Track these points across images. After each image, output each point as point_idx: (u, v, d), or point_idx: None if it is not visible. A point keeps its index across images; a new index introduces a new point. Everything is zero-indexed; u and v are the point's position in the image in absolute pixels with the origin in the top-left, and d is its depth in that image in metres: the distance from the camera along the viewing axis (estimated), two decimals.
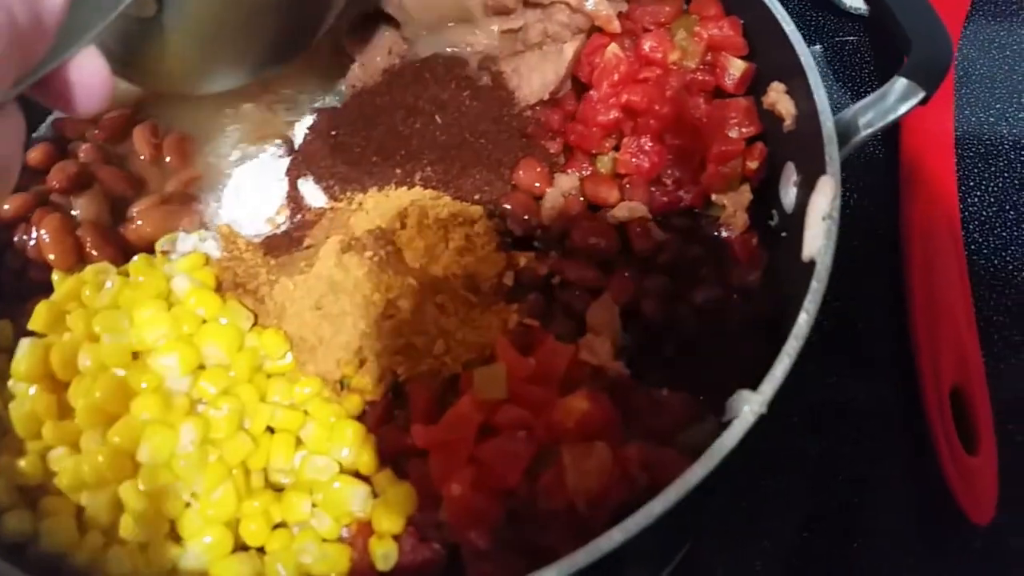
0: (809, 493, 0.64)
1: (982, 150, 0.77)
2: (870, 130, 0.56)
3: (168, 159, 0.64)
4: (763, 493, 0.64)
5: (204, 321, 0.55)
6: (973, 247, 0.72)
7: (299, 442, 0.54)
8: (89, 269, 0.57)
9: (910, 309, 0.67)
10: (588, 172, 0.64)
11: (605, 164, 0.65)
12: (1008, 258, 0.72)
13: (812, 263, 0.49)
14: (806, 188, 0.55)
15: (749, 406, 0.44)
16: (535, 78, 0.65)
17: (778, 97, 0.60)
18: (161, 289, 0.55)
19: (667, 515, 0.43)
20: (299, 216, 0.62)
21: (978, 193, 0.75)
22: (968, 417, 0.62)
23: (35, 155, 0.64)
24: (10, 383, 0.53)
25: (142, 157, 0.65)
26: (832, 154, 0.53)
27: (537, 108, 0.66)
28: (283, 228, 0.63)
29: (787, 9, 0.60)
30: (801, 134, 0.58)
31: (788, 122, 0.59)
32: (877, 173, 0.77)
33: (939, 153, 0.73)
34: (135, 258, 0.57)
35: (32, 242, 0.60)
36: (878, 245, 0.72)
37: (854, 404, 0.67)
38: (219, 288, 0.57)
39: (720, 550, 0.63)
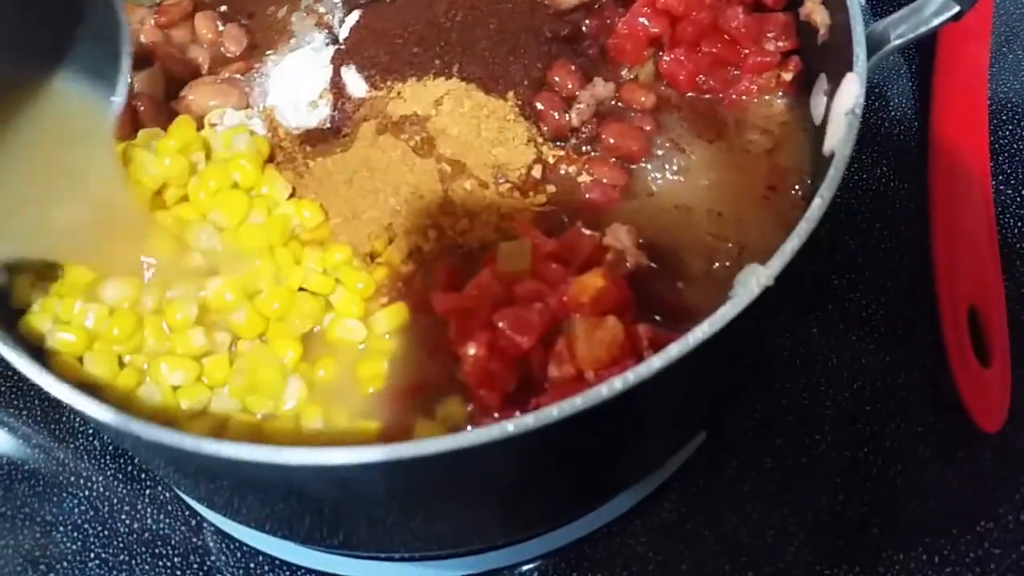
0: (823, 397, 0.66)
1: (1018, 87, 0.78)
2: (901, 40, 0.57)
3: (226, 46, 0.67)
4: (778, 395, 0.66)
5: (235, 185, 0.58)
6: (1000, 177, 0.73)
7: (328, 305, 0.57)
8: (141, 133, 0.60)
9: (932, 232, 0.68)
10: (623, 79, 0.66)
11: (643, 73, 0.66)
12: None
13: (831, 155, 0.51)
14: (834, 93, 0.57)
15: (756, 278, 0.46)
16: None
17: (814, 7, 0.61)
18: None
19: (670, 377, 0.45)
20: (340, 103, 0.64)
21: (1010, 127, 0.76)
22: (984, 334, 0.63)
23: None
24: None
25: (204, 45, 0.68)
26: (860, 55, 0.54)
27: (575, 12, 0.67)
28: (323, 118, 0.65)
29: None
30: (834, 44, 0.59)
31: (823, 32, 0.60)
32: (908, 99, 0.77)
33: (971, 83, 0.74)
34: (177, 119, 0.60)
35: None
36: (904, 167, 0.73)
37: (874, 316, 0.68)
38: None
39: (733, 448, 0.65)
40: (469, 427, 0.52)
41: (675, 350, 0.44)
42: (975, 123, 0.74)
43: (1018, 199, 0.72)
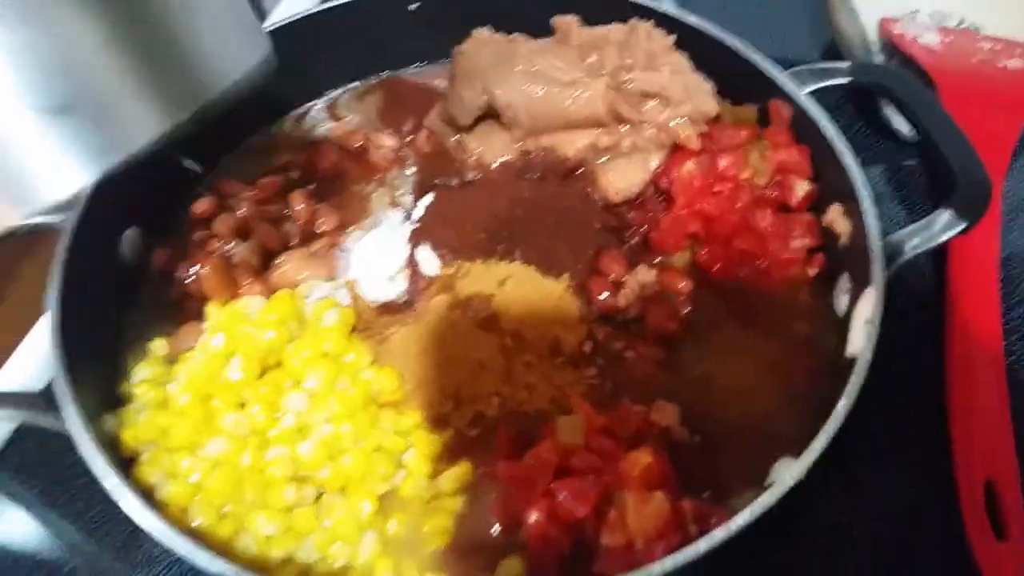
0: (846, 564, 0.71)
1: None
2: (915, 252, 0.65)
3: (319, 222, 0.77)
4: (805, 559, 0.71)
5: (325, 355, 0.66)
6: (1013, 357, 0.79)
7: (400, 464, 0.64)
8: (241, 301, 0.69)
9: (949, 409, 0.74)
10: (663, 264, 0.74)
11: (681, 260, 0.75)
12: None
13: (854, 359, 0.58)
14: (856, 294, 0.65)
15: (790, 473, 0.52)
16: (621, 181, 0.76)
17: (836, 217, 0.70)
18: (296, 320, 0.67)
19: (712, 556, 0.51)
20: (415, 278, 0.73)
21: (1022, 308, 0.83)
22: (1000, 508, 0.68)
23: (200, 207, 0.78)
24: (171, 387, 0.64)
25: (298, 221, 0.77)
26: (877, 271, 0.62)
27: (622, 207, 0.76)
28: (399, 291, 0.73)
29: (852, 135, 0.70)
30: (854, 249, 0.68)
31: (844, 239, 0.69)
32: (927, 286, 0.85)
33: (983, 272, 0.81)
34: (278, 293, 0.68)
35: (192, 278, 0.72)
36: (922, 343, 0.80)
37: (894, 485, 0.74)
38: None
39: None
40: None
41: (720, 535, 0.50)
42: (988, 306, 0.81)
43: None
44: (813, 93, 0.74)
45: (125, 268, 0.75)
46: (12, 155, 0.37)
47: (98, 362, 0.68)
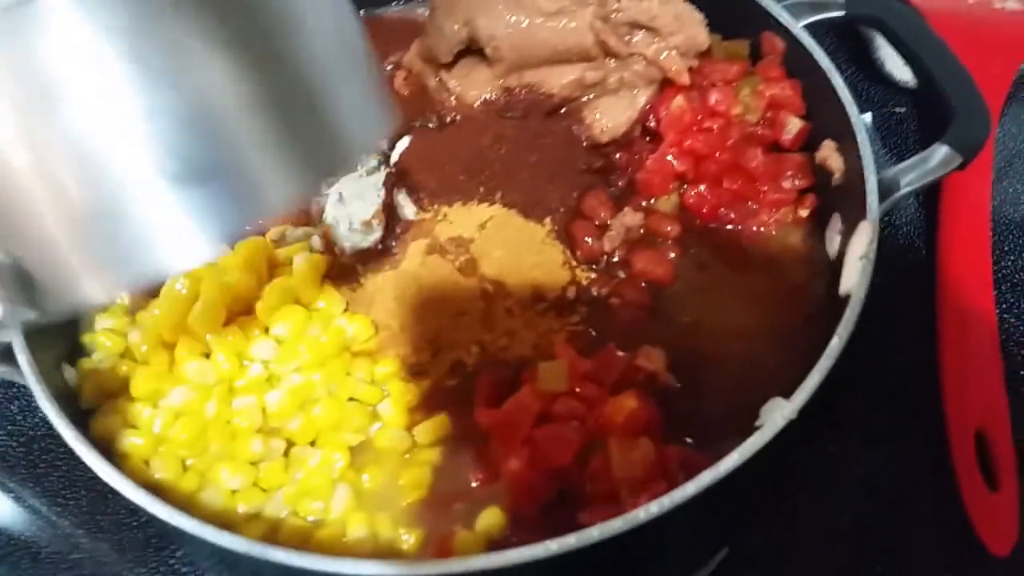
0: (839, 513, 0.69)
1: (1018, 218, 0.83)
2: (910, 188, 0.62)
3: None
4: (796, 511, 0.69)
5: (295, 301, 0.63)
6: (1004, 306, 0.77)
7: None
8: None
9: (940, 357, 0.72)
10: (651, 209, 0.72)
11: (668, 203, 0.72)
12: None
13: (847, 297, 0.55)
14: (848, 235, 0.62)
15: (781, 412, 0.50)
16: (608, 119, 0.73)
17: (829, 154, 0.67)
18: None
19: (701, 501, 0.48)
20: (391, 223, 0.70)
21: (1012, 257, 0.81)
22: (991, 458, 0.67)
23: None
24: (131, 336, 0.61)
25: None
26: (872, 204, 0.59)
27: (608, 147, 0.73)
28: (375, 237, 0.70)
29: (843, 80, 0.68)
30: (847, 187, 0.65)
31: (837, 176, 0.66)
32: (917, 232, 0.83)
33: (975, 217, 0.79)
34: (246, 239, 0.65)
35: None
36: (912, 291, 0.78)
37: (886, 436, 0.72)
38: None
39: (754, 563, 0.68)
40: (509, 539, 0.55)
41: (707, 477, 0.47)
42: (979, 253, 0.79)
43: (1021, 328, 0.77)
44: (807, 28, 0.71)
45: None
46: (132, 223, 0.33)
47: None
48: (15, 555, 0.73)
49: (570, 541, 0.46)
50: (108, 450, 0.56)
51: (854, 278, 0.56)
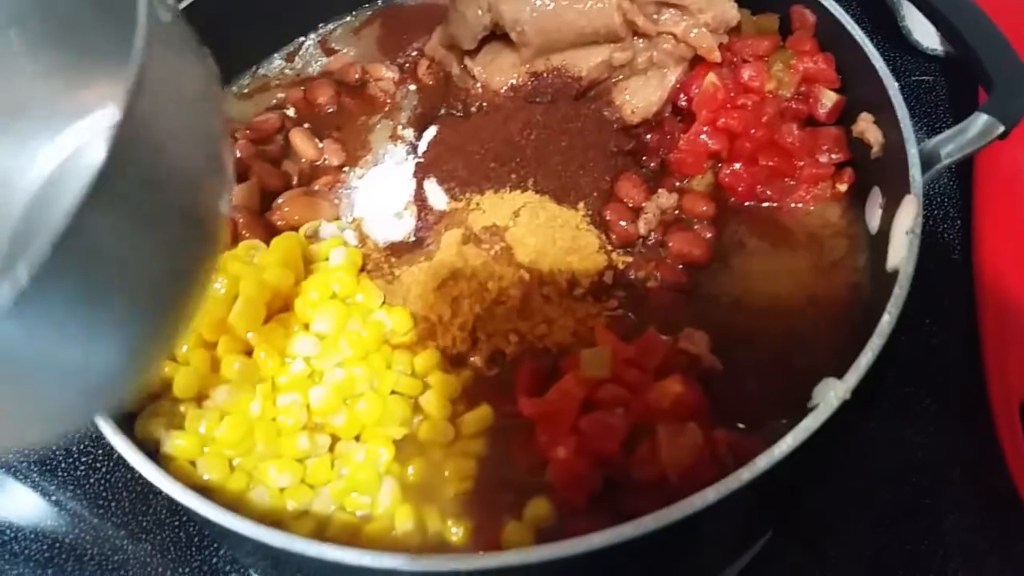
0: (884, 490, 0.69)
1: None
2: (950, 159, 0.61)
3: (328, 159, 0.73)
4: (841, 489, 0.69)
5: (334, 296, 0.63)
6: None
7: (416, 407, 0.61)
8: (242, 245, 0.65)
9: (980, 330, 0.71)
10: (684, 188, 0.71)
11: (702, 183, 0.71)
12: None
13: (895, 272, 0.55)
14: (890, 209, 0.61)
15: (835, 392, 0.49)
16: (638, 100, 0.72)
17: (867, 126, 0.66)
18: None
19: (754, 486, 0.48)
20: (423, 214, 0.69)
21: None
22: None
23: None
24: None
25: (303, 159, 0.73)
26: (916, 177, 0.58)
27: (638, 128, 0.72)
28: (408, 228, 0.69)
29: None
30: (887, 160, 0.64)
31: (875, 149, 0.65)
32: (951, 197, 0.82)
33: (1012, 187, 0.78)
34: (283, 235, 0.65)
35: None
36: (950, 263, 0.77)
37: (928, 410, 0.71)
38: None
39: (798, 543, 0.67)
40: (557, 528, 0.54)
41: (763, 462, 0.47)
42: (1017, 224, 0.78)
43: None
44: None
45: None
46: None
47: None
48: (59, 559, 0.73)
49: (627, 531, 0.46)
50: (153, 452, 0.56)
51: (902, 252, 0.55)
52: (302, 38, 0.86)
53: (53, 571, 0.73)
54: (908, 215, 0.57)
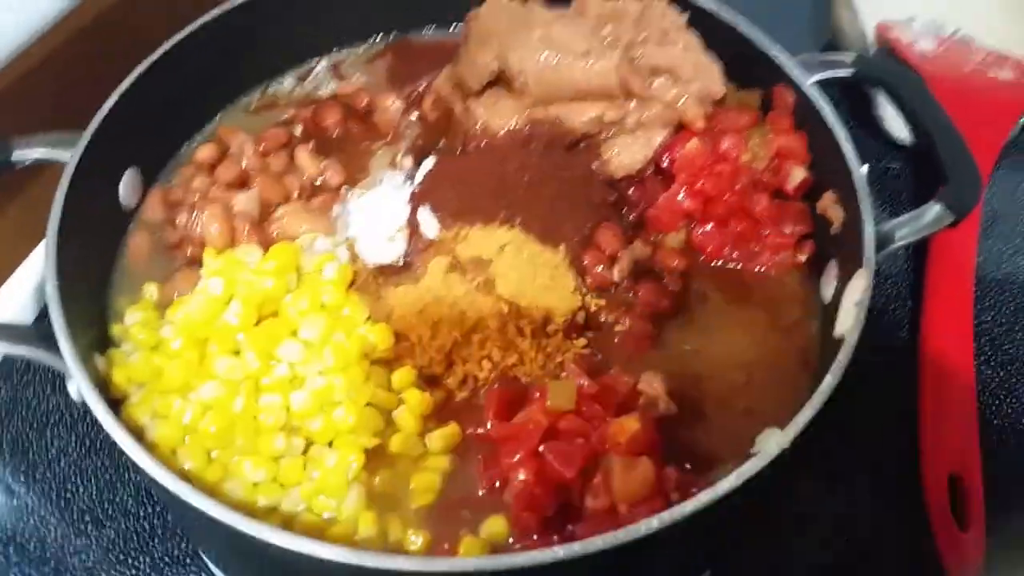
0: (818, 545, 0.73)
1: (999, 277, 0.89)
2: (903, 241, 0.67)
3: (327, 177, 0.77)
4: (778, 540, 0.73)
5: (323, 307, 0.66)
6: (982, 358, 0.82)
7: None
8: (240, 248, 0.68)
9: (919, 403, 0.77)
10: (658, 242, 0.76)
11: (675, 239, 0.76)
12: (1013, 372, 0.83)
13: (841, 340, 0.60)
14: (844, 281, 0.66)
15: (776, 440, 0.54)
16: (624, 157, 0.77)
17: (830, 204, 0.71)
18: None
19: (697, 519, 0.52)
20: (414, 240, 0.73)
21: (992, 313, 0.86)
22: (963, 500, 0.71)
23: (203, 153, 0.78)
24: (164, 331, 0.64)
25: (304, 175, 0.77)
26: (869, 254, 0.63)
27: (622, 182, 0.77)
28: (397, 253, 0.73)
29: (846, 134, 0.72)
30: (845, 237, 0.69)
31: (835, 225, 0.70)
32: (905, 283, 0.88)
33: (960, 272, 0.84)
34: (280, 244, 0.68)
35: (192, 223, 0.72)
36: (897, 345, 0.82)
37: (865, 476, 0.76)
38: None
39: None
40: (512, 545, 0.58)
41: (705, 497, 0.51)
42: (962, 307, 0.84)
43: (996, 379, 0.81)
44: (816, 84, 0.75)
45: (121, 210, 0.75)
46: None
47: (85, 302, 0.67)
48: (21, 537, 0.75)
49: (575, 548, 0.49)
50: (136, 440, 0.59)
51: (849, 322, 0.60)
52: (315, 61, 0.91)
53: (15, 549, 0.74)
54: (858, 288, 0.62)
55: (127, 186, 0.74)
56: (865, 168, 0.98)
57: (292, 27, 0.87)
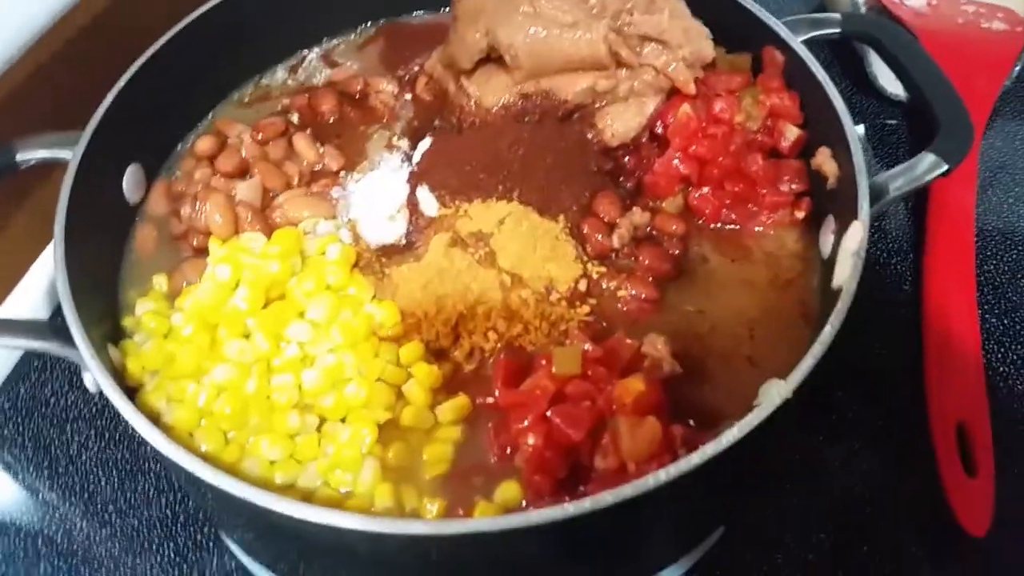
0: (828, 498, 0.74)
1: (1001, 226, 0.89)
2: (899, 192, 0.67)
3: (326, 163, 0.78)
4: (789, 495, 0.74)
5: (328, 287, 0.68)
6: (985, 306, 0.83)
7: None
8: (244, 236, 0.70)
9: (924, 354, 0.77)
10: (656, 208, 0.76)
11: (673, 204, 0.77)
12: (1017, 319, 0.83)
13: (840, 290, 0.60)
14: (841, 235, 0.67)
15: (777, 390, 0.54)
16: (619, 125, 0.77)
17: (824, 160, 0.72)
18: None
19: (703, 472, 0.53)
20: (415, 218, 0.74)
21: (995, 262, 0.87)
22: (971, 447, 0.72)
23: (203, 145, 0.79)
24: (175, 318, 0.66)
25: (304, 162, 0.78)
26: (864, 206, 0.64)
27: (617, 151, 0.78)
28: (399, 233, 0.74)
29: (838, 91, 0.72)
30: (841, 191, 0.70)
31: (831, 181, 0.71)
32: (906, 238, 0.88)
33: (960, 224, 0.85)
34: (283, 229, 0.70)
35: (196, 214, 0.73)
36: (900, 293, 0.83)
37: (872, 427, 0.77)
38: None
39: (748, 541, 0.73)
40: (526, 508, 0.59)
41: (710, 449, 0.52)
42: (963, 257, 0.84)
43: (1000, 327, 0.82)
44: (805, 43, 0.76)
45: (125, 205, 0.76)
46: None
47: (96, 297, 0.69)
48: (49, 529, 0.77)
49: (585, 504, 0.50)
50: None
51: (846, 272, 0.61)
52: (306, 51, 0.92)
53: (43, 542, 0.76)
54: (854, 239, 0.63)
55: (130, 182, 0.76)
56: (861, 128, 1.00)
57: (282, 18, 0.88)
